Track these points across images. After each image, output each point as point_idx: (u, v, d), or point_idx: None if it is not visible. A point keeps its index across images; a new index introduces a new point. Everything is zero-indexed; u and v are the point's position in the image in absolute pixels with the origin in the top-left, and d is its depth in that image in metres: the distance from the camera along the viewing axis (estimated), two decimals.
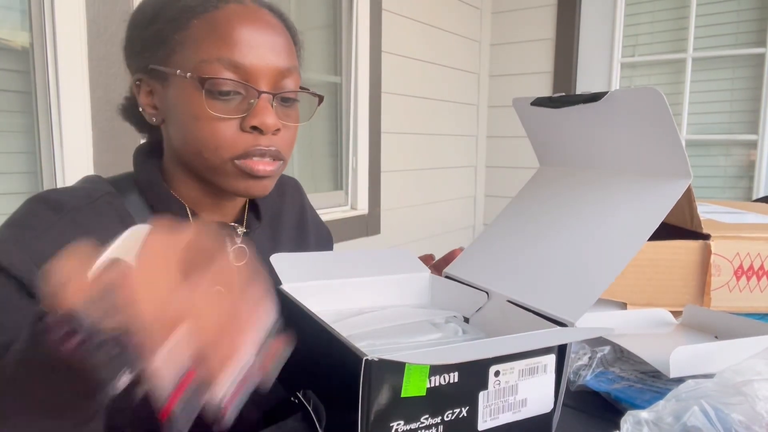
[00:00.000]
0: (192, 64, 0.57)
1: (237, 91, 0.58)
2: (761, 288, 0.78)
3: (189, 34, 0.58)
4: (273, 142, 0.59)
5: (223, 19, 0.57)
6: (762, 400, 0.38)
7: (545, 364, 0.44)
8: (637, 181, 0.53)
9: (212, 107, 0.57)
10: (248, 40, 0.57)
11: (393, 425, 0.39)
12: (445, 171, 2.54)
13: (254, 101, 0.58)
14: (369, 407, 0.38)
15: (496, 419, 0.43)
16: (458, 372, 0.40)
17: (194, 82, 0.57)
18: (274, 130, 0.59)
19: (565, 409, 0.53)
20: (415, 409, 0.39)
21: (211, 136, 0.58)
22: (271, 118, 0.58)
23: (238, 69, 0.57)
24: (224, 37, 0.57)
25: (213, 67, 0.56)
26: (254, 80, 0.58)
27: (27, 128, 1.21)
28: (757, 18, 2.19)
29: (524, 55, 2.64)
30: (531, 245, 0.58)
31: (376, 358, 0.37)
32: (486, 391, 0.42)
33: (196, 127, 0.58)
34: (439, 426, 0.41)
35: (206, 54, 0.57)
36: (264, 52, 0.58)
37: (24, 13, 1.17)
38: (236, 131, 0.58)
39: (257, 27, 0.58)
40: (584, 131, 0.59)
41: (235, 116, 0.58)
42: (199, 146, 0.58)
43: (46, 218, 0.55)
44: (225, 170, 0.59)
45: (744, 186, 2.26)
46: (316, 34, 1.99)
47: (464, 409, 0.41)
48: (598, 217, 0.53)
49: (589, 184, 0.58)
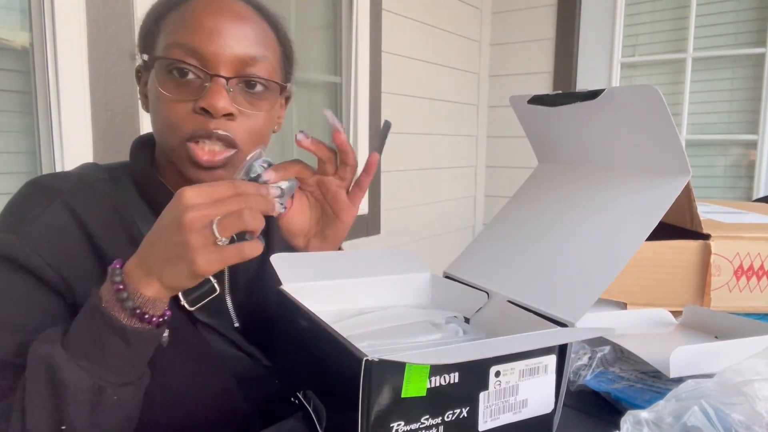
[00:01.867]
0: (160, 51, 0.60)
1: (196, 75, 0.59)
2: (761, 288, 0.78)
3: (165, 24, 0.61)
4: (225, 126, 0.59)
5: (192, 9, 0.60)
6: (762, 400, 0.38)
7: (546, 365, 0.44)
8: (636, 178, 0.53)
9: (168, 89, 0.59)
10: (210, 28, 0.58)
11: (393, 426, 0.39)
12: (445, 171, 2.54)
13: (208, 85, 0.59)
14: (369, 407, 0.38)
15: (497, 420, 0.43)
16: (459, 372, 0.40)
17: (158, 65, 0.60)
18: (224, 114, 0.58)
19: (565, 409, 0.53)
20: (416, 409, 0.39)
21: (167, 117, 0.60)
22: (221, 102, 0.58)
23: (196, 54, 0.58)
24: (188, 24, 0.59)
25: (173, 52, 0.59)
26: (213, 66, 0.59)
27: (27, 128, 1.21)
28: (757, 18, 2.19)
29: (524, 55, 2.64)
30: (530, 244, 0.58)
31: (376, 358, 0.37)
32: (486, 392, 0.42)
33: (158, 108, 0.60)
34: (439, 426, 0.41)
35: (171, 40, 0.59)
36: (225, 39, 0.59)
37: (24, 13, 1.17)
38: (189, 112, 0.59)
39: (221, 16, 0.60)
40: (582, 129, 0.59)
41: (190, 98, 0.59)
42: (160, 127, 0.61)
43: (39, 202, 0.58)
44: (180, 154, 0.60)
45: (744, 186, 2.26)
46: (316, 34, 1.99)
47: (464, 409, 0.41)
48: (598, 216, 0.53)
49: (588, 182, 0.58)
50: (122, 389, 0.48)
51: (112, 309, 0.47)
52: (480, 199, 2.83)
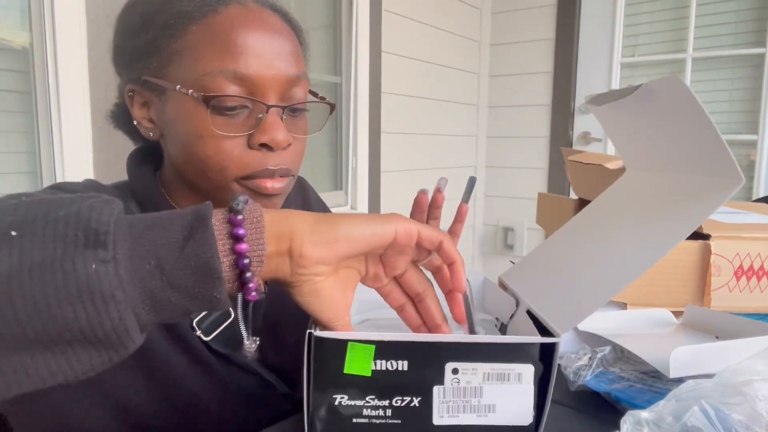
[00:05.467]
0: (192, 77, 0.52)
1: (243, 105, 0.53)
2: (761, 288, 0.78)
3: (187, 42, 0.53)
4: (283, 158, 0.55)
5: (225, 25, 0.52)
6: (762, 400, 0.38)
7: (519, 373, 0.43)
8: (687, 183, 0.50)
9: (217, 125, 0.52)
10: (253, 48, 0.52)
11: (336, 397, 0.42)
12: (444, 171, 2.54)
13: (262, 116, 0.53)
14: (315, 378, 0.41)
15: (456, 417, 0.43)
16: (407, 361, 0.42)
17: (195, 97, 0.52)
18: (285, 146, 0.54)
19: (565, 409, 0.53)
20: (360, 388, 0.42)
21: (215, 155, 0.53)
22: (281, 134, 0.53)
23: (243, 81, 0.52)
24: (226, 45, 0.52)
25: (216, 81, 0.51)
26: (261, 92, 0.53)
27: (27, 128, 1.21)
28: (757, 18, 2.19)
29: (524, 55, 2.64)
30: (570, 251, 0.57)
31: (323, 334, 0.40)
32: (442, 387, 0.43)
33: (200, 146, 0.53)
34: (387, 409, 0.42)
35: (208, 66, 0.52)
36: (270, 60, 0.53)
37: (24, 13, 1.17)
38: (243, 149, 0.53)
39: (262, 32, 0.53)
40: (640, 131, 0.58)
41: (242, 133, 0.53)
42: (202, 166, 0.54)
43: (57, 192, 0.54)
44: (231, 190, 0.55)
45: (744, 186, 2.26)
46: (316, 34, 1.99)
47: (416, 399, 0.42)
48: (634, 224, 0.52)
49: (639, 188, 0.57)
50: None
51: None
52: (480, 199, 2.83)
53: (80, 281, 0.29)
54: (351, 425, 0.42)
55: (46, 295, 0.29)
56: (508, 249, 2.76)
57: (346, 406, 0.42)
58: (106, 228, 0.31)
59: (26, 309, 0.29)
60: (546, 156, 2.60)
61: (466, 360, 0.42)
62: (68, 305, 0.29)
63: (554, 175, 2.59)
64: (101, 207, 0.33)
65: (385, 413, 0.42)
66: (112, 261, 0.31)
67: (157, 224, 0.34)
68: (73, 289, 0.29)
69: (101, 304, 0.30)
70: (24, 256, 0.30)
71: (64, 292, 0.29)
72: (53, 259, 0.30)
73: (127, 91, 0.57)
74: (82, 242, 0.30)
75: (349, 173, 2.09)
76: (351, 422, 0.42)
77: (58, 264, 0.29)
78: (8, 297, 0.29)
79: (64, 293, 0.29)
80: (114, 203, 0.34)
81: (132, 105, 0.58)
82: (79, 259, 0.30)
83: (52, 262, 0.29)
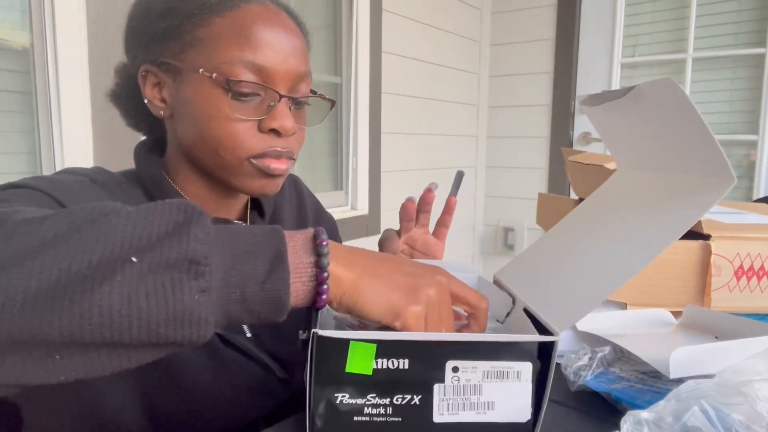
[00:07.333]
0: (213, 63, 0.57)
1: (257, 93, 0.59)
2: (761, 288, 0.78)
3: (210, 31, 0.58)
4: (288, 143, 0.61)
5: (248, 20, 0.58)
6: (762, 400, 0.38)
7: (518, 371, 0.43)
8: (679, 182, 0.50)
9: (233, 108, 0.58)
10: (271, 43, 0.59)
11: (338, 395, 0.42)
12: (445, 171, 2.54)
13: (274, 104, 0.59)
14: (317, 377, 0.41)
15: (456, 415, 0.43)
16: (408, 360, 0.42)
17: (216, 81, 0.57)
18: (291, 134, 0.61)
19: (565, 409, 0.53)
20: (361, 386, 0.42)
21: (228, 136, 0.58)
22: (290, 122, 0.60)
23: (260, 71, 0.58)
24: (248, 38, 0.58)
25: (235, 69, 0.57)
26: (274, 83, 0.59)
27: (27, 128, 1.21)
28: (757, 18, 2.19)
29: (524, 55, 2.64)
30: (565, 250, 0.57)
31: (325, 333, 0.40)
32: (442, 385, 0.43)
33: (213, 126, 0.58)
34: (388, 407, 0.43)
35: (229, 55, 0.57)
36: (286, 56, 0.60)
37: (24, 13, 1.17)
38: (254, 132, 0.59)
39: (281, 30, 0.60)
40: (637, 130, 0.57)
41: (255, 118, 0.59)
42: (215, 145, 0.59)
43: (66, 176, 0.58)
44: (240, 169, 0.60)
45: (744, 186, 2.26)
46: (316, 34, 1.99)
47: (416, 397, 0.43)
48: (630, 222, 0.52)
49: (635, 185, 0.57)
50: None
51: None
52: (480, 199, 2.83)
53: (186, 308, 0.36)
54: (352, 423, 0.43)
55: (158, 317, 0.35)
56: (508, 249, 2.76)
57: (347, 404, 0.42)
58: (205, 261, 0.37)
59: (140, 326, 0.35)
60: (546, 156, 2.60)
61: (466, 358, 0.43)
62: (173, 325, 0.36)
63: (554, 176, 2.59)
64: (203, 238, 0.38)
65: (385, 411, 0.43)
66: (208, 291, 0.36)
67: (242, 256, 0.39)
68: (179, 314, 0.36)
69: (195, 325, 0.36)
70: (141, 283, 0.35)
71: (173, 317, 0.36)
72: (164, 287, 0.35)
73: (141, 71, 0.61)
74: (186, 271, 0.36)
75: (349, 173, 2.09)
76: (352, 420, 0.42)
77: (170, 293, 0.35)
78: (128, 322, 0.35)
79: (172, 317, 0.36)
80: (205, 226, 0.38)
81: (144, 84, 0.62)
82: (186, 289, 0.36)
83: (164, 290, 0.35)
